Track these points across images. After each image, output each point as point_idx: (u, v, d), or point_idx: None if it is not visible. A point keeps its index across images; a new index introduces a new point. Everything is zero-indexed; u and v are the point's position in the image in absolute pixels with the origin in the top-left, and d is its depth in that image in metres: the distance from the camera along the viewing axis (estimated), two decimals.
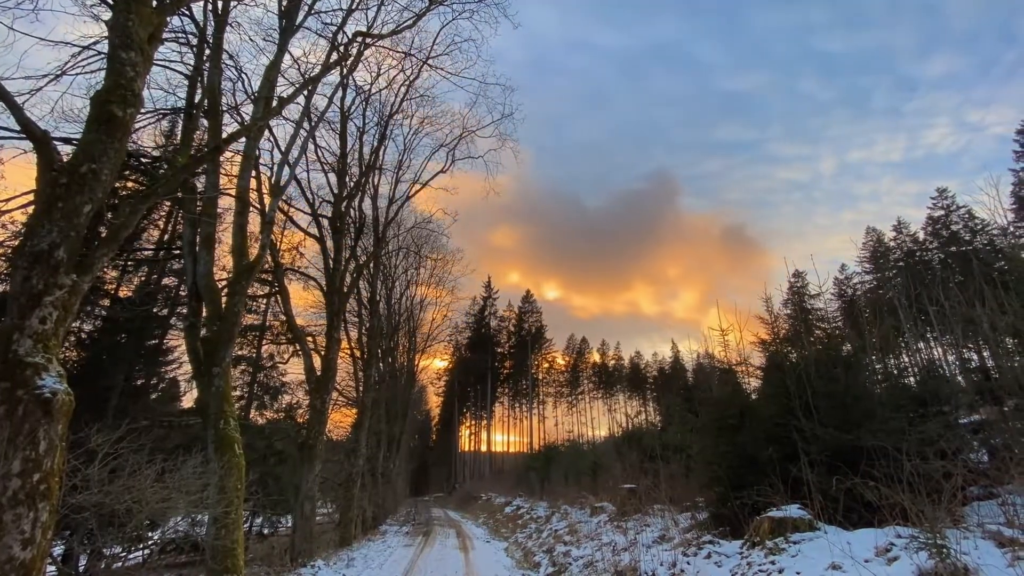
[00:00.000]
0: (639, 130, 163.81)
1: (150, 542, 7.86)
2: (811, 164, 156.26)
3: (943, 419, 7.82)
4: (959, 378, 14.15)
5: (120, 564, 6.79)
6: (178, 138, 14.78)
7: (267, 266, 17.45)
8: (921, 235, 46.91)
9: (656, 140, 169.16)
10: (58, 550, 12.69)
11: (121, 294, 18.48)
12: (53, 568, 5.61)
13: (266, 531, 21.65)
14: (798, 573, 5.73)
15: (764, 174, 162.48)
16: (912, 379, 13.08)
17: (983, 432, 8.74)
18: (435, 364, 57.73)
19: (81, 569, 11.66)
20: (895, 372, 11.68)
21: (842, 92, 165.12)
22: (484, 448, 67.59)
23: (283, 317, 20.14)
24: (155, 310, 19.07)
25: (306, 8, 12.06)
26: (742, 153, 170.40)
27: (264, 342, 24.58)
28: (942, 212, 45.35)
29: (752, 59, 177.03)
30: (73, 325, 16.33)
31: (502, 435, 70.09)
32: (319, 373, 15.96)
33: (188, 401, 21.13)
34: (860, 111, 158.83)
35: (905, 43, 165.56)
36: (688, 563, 7.60)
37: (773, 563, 6.19)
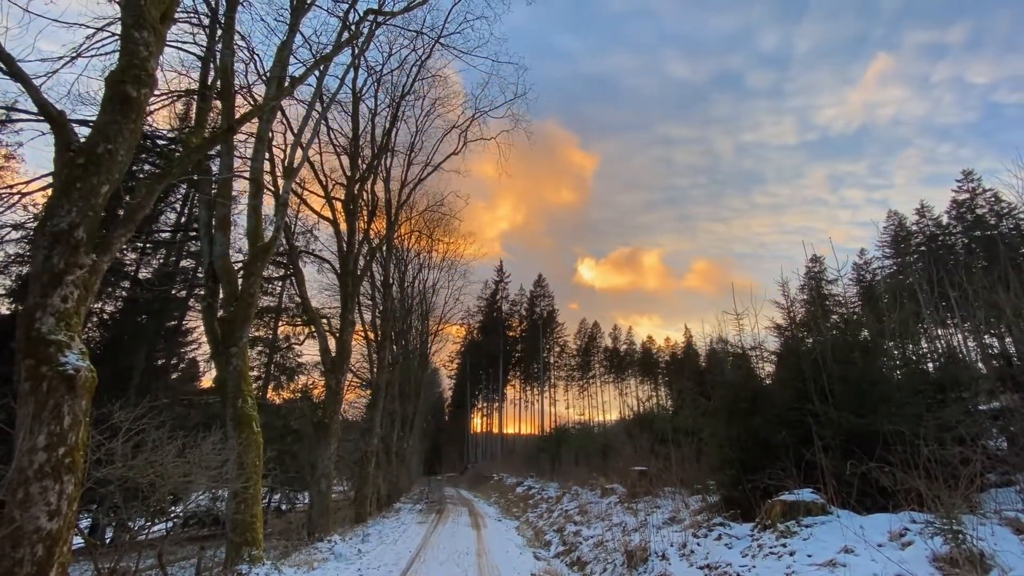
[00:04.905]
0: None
1: (173, 515, 8.08)
2: (705, 146, 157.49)
3: (962, 405, 7.69)
4: (979, 364, 13.90)
5: (144, 536, 7.00)
6: (192, 120, 14.84)
7: (282, 248, 17.60)
8: (945, 219, 45.71)
9: (538, 127, 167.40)
10: (85, 522, 13.22)
11: (141, 276, 18.86)
12: (80, 539, 5.80)
13: (284, 507, 22.30)
14: (810, 556, 5.72)
15: (661, 156, 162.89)
16: (931, 365, 12.86)
17: (1003, 419, 8.59)
18: (448, 347, 58.35)
19: (107, 540, 12.13)
20: (914, 358, 11.48)
21: (713, 74, 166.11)
22: (496, 429, 68.35)
23: (298, 299, 20.40)
24: (174, 291, 19.46)
25: None
26: (630, 133, 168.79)
27: (280, 324, 24.97)
28: (967, 195, 44.07)
29: (609, 43, 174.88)
30: (95, 306, 16.72)
31: (514, 417, 70.84)
32: (334, 354, 16.18)
33: (208, 381, 21.65)
34: (738, 92, 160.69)
35: (762, 22, 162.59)
36: (698, 544, 7.64)
37: (784, 545, 6.20)
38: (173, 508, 8.29)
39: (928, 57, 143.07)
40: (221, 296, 10.20)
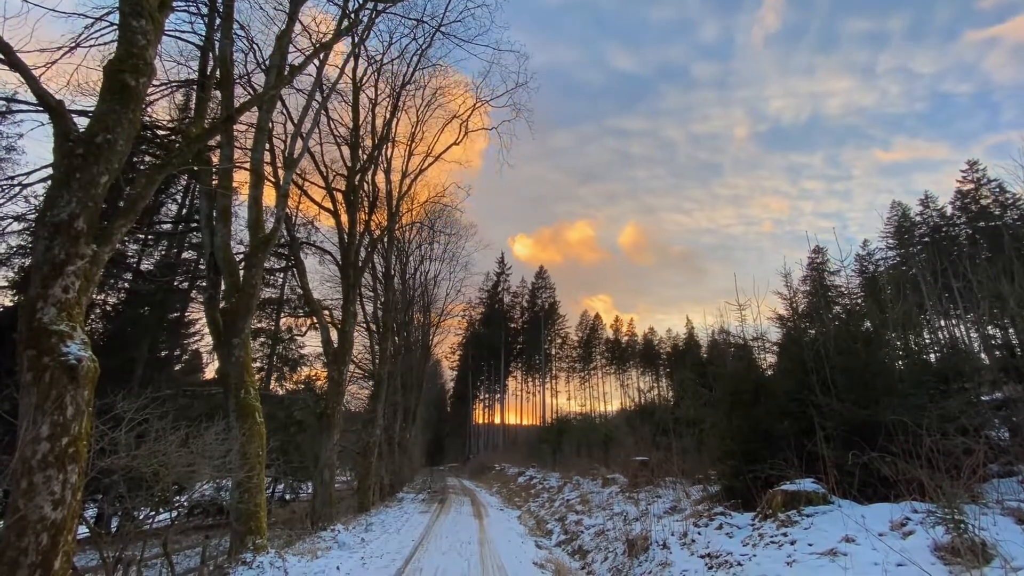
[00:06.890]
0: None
1: (177, 504, 8.14)
2: (659, 138, 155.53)
3: (965, 396, 7.67)
4: (982, 355, 13.85)
5: (149, 525, 7.05)
6: (192, 110, 14.76)
7: (283, 239, 17.58)
8: (949, 210, 45.46)
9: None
10: (90, 512, 13.34)
11: (143, 267, 18.88)
12: (85, 528, 5.84)
13: (288, 497, 22.47)
14: (811, 545, 5.74)
15: (614, 148, 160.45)
16: (934, 356, 12.83)
17: (1005, 409, 8.58)
18: (450, 339, 58.49)
19: (112, 529, 12.24)
20: (916, 348, 11.46)
21: (658, 67, 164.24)
22: (498, 420, 68.67)
23: (300, 291, 20.41)
24: (176, 283, 19.48)
25: None
26: (582, 125, 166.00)
27: (282, 315, 25.04)
28: (972, 185, 43.80)
29: (548, 35, 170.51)
30: (98, 298, 16.75)
31: (515, 408, 71.14)
32: (336, 345, 16.21)
33: (210, 372, 21.77)
34: (685, 83, 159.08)
35: (700, 14, 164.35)
36: (699, 533, 7.67)
37: (785, 535, 6.21)
38: (177, 497, 8.35)
39: (870, 47, 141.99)
40: (223, 287, 10.20)
